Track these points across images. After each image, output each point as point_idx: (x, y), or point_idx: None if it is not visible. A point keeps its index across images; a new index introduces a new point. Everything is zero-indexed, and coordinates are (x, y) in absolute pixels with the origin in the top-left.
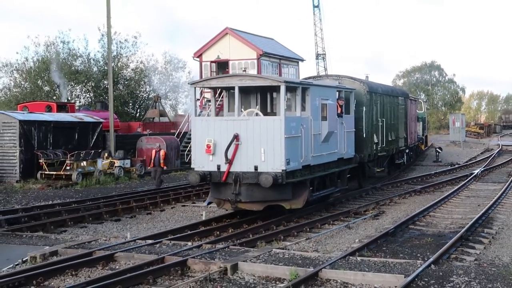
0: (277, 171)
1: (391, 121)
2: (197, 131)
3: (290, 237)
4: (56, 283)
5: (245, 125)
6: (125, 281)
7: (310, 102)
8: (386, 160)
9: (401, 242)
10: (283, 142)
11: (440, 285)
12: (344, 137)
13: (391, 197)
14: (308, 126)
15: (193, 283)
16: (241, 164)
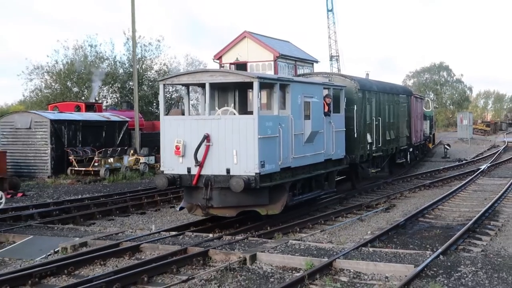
0: (250, 174)
1: (390, 119)
2: (166, 131)
3: (305, 229)
4: (85, 272)
5: (216, 125)
6: (150, 270)
7: (291, 100)
8: (384, 160)
9: (411, 234)
10: (256, 143)
11: (448, 274)
12: (332, 137)
13: (402, 191)
14: (288, 125)
15: (214, 272)
16: (212, 166)
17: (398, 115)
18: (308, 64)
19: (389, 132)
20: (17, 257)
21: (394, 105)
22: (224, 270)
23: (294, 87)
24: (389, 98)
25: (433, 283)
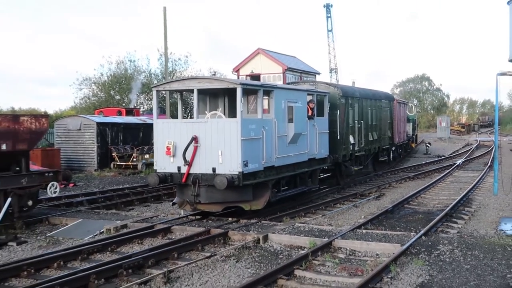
0: (233, 173)
1: (373, 122)
2: (158, 133)
3: (309, 214)
4: (125, 249)
5: (203, 127)
6: (179, 248)
7: (274, 105)
8: (368, 158)
9: (397, 218)
10: (239, 144)
11: (429, 252)
12: (316, 138)
13: (390, 182)
14: (272, 128)
15: (232, 250)
16: (200, 165)
17: (380, 118)
18: (311, 76)
19: (372, 134)
20: (69, 237)
21: (377, 109)
22: (241, 248)
23: (277, 93)
24: (372, 103)
25: (416, 259)
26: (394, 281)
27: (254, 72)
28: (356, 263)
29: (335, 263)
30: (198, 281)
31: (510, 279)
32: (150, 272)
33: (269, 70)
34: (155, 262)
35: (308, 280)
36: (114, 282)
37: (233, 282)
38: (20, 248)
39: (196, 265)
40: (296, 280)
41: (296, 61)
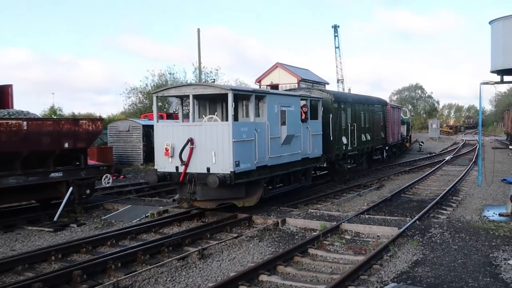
0: (226, 172)
1: (366, 124)
2: (158, 136)
3: (320, 201)
4: (167, 231)
5: (198, 130)
6: (211, 230)
7: (267, 109)
8: (361, 157)
9: (395, 206)
10: (231, 146)
11: (422, 234)
12: (309, 140)
13: (388, 175)
14: (264, 130)
15: (256, 231)
16: (196, 165)
17: (373, 121)
18: (322, 85)
19: (365, 135)
20: (120, 220)
21: (370, 113)
22: (263, 230)
23: (270, 98)
24: (365, 107)
25: (412, 240)
26: (392, 259)
27: (273, 82)
28: (360, 243)
29: (342, 243)
30: (227, 257)
31: (492, 258)
32: (187, 249)
33: (286, 81)
34: (191, 241)
35: (320, 257)
36: (157, 257)
37: (257, 258)
38: (80, 229)
39: (225, 244)
40: (309, 257)
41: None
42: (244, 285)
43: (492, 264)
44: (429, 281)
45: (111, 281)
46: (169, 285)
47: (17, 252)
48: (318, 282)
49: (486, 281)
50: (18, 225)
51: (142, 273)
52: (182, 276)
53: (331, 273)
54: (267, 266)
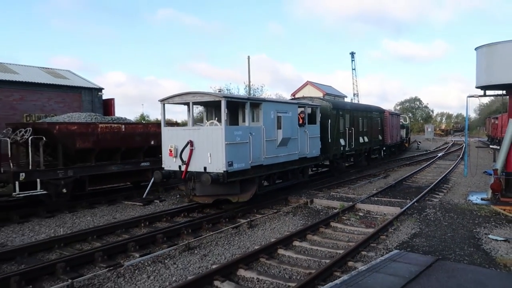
0: (219, 171)
1: (364, 128)
2: (165, 139)
3: (340, 187)
4: (225, 207)
5: (197, 133)
6: (257, 206)
7: (263, 114)
8: (360, 156)
9: (398, 191)
10: (224, 148)
11: (419, 213)
12: (307, 142)
13: (393, 167)
14: (260, 133)
15: (290, 208)
16: (195, 165)
17: (371, 126)
18: (341, 98)
19: (363, 137)
20: None
21: (368, 119)
22: (296, 207)
23: (266, 105)
24: (362, 114)
25: (411, 218)
26: (395, 231)
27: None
28: (371, 219)
29: (357, 219)
30: (269, 227)
31: (475, 232)
32: (239, 220)
33: (314, 95)
34: (242, 215)
35: (339, 229)
36: (217, 226)
37: (291, 228)
38: (161, 204)
39: (268, 217)
40: (331, 228)
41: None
42: (282, 248)
43: (475, 237)
44: (425, 249)
45: (183, 242)
46: (226, 246)
47: (117, 220)
48: (338, 247)
49: (470, 250)
50: (118, 200)
51: (206, 237)
52: (235, 240)
53: (348, 241)
54: (298, 235)
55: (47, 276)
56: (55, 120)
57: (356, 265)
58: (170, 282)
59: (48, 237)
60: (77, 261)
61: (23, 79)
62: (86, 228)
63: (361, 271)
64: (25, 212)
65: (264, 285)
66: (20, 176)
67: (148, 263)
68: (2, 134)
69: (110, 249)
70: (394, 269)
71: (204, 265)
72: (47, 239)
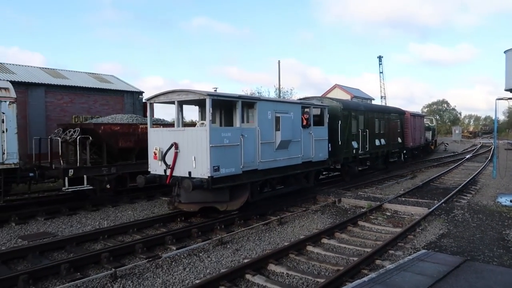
0: (203, 177)
1: (380, 131)
2: (150, 140)
3: (367, 187)
4: None
5: (181, 135)
6: (287, 204)
7: (258, 115)
8: (377, 160)
9: (425, 191)
10: (208, 151)
11: (447, 214)
12: (312, 144)
13: (420, 168)
14: (254, 135)
15: (319, 207)
16: (180, 169)
17: (389, 128)
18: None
19: (379, 140)
20: None
21: (385, 120)
22: (324, 206)
23: (261, 105)
24: (379, 115)
25: (439, 218)
26: (423, 232)
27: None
28: (398, 219)
29: (384, 218)
30: (298, 224)
31: (505, 234)
32: (270, 217)
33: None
34: (273, 212)
35: (366, 228)
36: (248, 222)
37: (319, 226)
38: None
39: (297, 214)
40: (359, 227)
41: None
42: (311, 245)
43: (504, 239)
44: (453, 249)
45: (217, 237)
46: (257, 242)
47: (155, 214)
48: (365, 246)
49: (499, 252)
50: (156, 196)
51: (238, 233)
52: (265, 236)
53: (376, 240)
54: (327, 232)
55: (93, 265)
56: (100, 121)
57: (383, 264)
58: (205, 274)
59: (93, 229)
60: (119, 252)
61: (73, 84)
62: (127, 222)
63: (388, 270)
64: (73, 205)
65: (294, 280)
66: (69, 172)
67: (184, 255)
68: (53, 134)
69: (149, 241)
70: (422, 268)
71: (236, 259)
72: (93, 230)
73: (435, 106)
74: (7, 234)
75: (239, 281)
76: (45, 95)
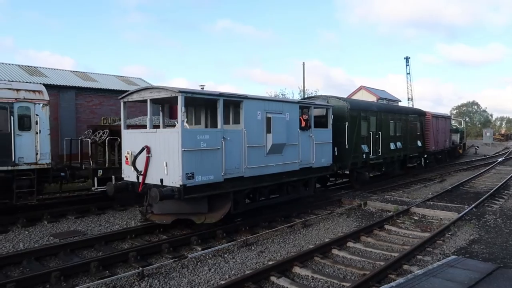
0: (175, 185)
1: (396, 133)
2: (124, 143)
3: (394, 190)
4: (281, 208)
5: (153, 137)
6: (312, 207)
7: (244, 115)
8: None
9: (455, 196)
10: (180, 156)
11: (478, 219)
12: (312, 148)
13: (449, 172)
14: (240, 138)
15: (344, 210)
16: (152, 176)
17: (406, 130)
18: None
19: (395, 143)
20: None
21: (402, 122)
22: (350, 209)
23: (249, 104)
24: (394, 116)
25: (469, 223)
26: (453, 237)
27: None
28: (426, 223)
29: (411, 222)
30: (323, 227)
31: None
32: (294, 220)
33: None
34: (297, 214)
35: (393, 232)
36: (273, 224)
37: (344, 229)
38: None
39: (321, 217)
40: (385, 231)
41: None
42: (336, 248)
43: None
44: (484, 256)
45: (241, 238)
46: (281, 244)
47: None
48: (392, 250)
49: None
50: None
51: (263, 235)
52: (290, 238)
53: (403, 244)
54: (352, 236)
55: (120, 263)
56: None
57: (411, 269)
58: (230, 275)
59: (121, 228)
60: (147, 251)
61: (102, 86)
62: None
63: (417, 275)
64: (102, 205)
65: (319, 284)
66: (98, 172)
67: (209, 256)
68: (83, 135)
69: (175, 241)
70: (452, 274)
71: (260, 261)
72: (121, 230)
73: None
74: (40, 232)
75: (264, 283)
76: (75, 97)
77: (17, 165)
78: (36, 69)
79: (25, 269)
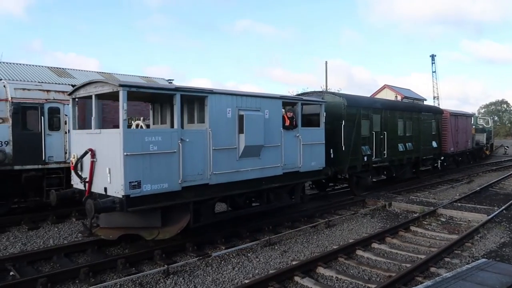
0: (117, 195)
1: (405, 133)
2: (71, 145)
3: (419, 191)
4: (305, 207)
5: (98, 139)
6: (335, 207)
7: (210, 113)
8: (402, 168)
9: (484, 197)
10: (122, 161)
11: (509, 221)
12: (299, 150)
13: (477, 172)
14: (203, 139)
15: (368, 210)
16: (97, 184)
17: (418, 130)
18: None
19: (404, 144)
20: None
21: (413, 121)
22: (374, 210)
23: (215, 99)
24: (404, 114)
25: (499, 226)
26: (482, 240)
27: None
28: (454, 225)
29: (438, 224)
30: (346, 228)
31: None
32: (317, 220)
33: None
34: (320, 215)
35: (420, 234)
36: (296, 224)
37: (369, 230)
38: None
39: (345, 218)
40: (411, 233)
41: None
42: (360, 249)
43: None
44: None
45: (265, 238)
46: (304, 244)
47: None
48: (418, 252)
49: None
50: None
51: (286, 234)
52: (313, 239)
53: (429, 246)
54: (377, 237)
55: (146, 261)
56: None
57: (439, 272)
58: (253, 274)
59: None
60: (171, 249)
61: None
62: None
63: (445, 278)
64: None
65: (344, 285)
66: None
67: (233, 255)
68: None
69: (199, 240)
70: (482, 278)
71: (284, 260)
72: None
73: (493, 107)
74: (68, 229)
75: (288, 283)
76: None
77: (47, 163)
78: (64, 70)
79: (55, 264)
